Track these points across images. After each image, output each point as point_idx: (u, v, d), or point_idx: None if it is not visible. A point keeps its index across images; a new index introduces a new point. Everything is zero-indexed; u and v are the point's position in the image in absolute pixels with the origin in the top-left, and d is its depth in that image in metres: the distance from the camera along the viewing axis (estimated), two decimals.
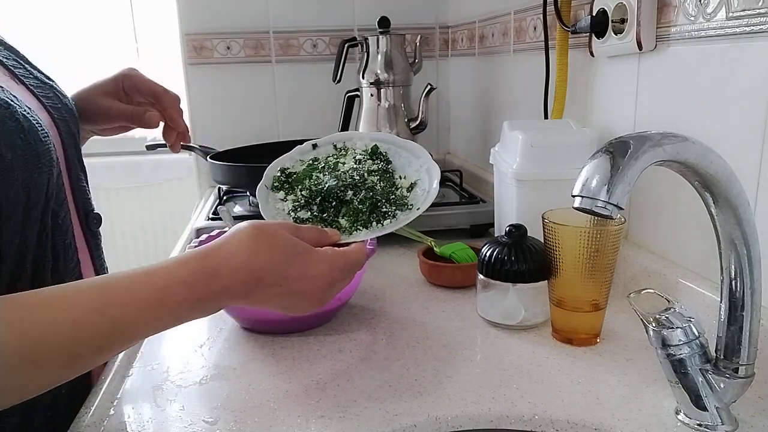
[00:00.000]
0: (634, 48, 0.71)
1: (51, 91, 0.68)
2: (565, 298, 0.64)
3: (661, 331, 0.48)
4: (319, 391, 0.56)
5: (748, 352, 0.47)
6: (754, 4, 0.56)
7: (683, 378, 0.48)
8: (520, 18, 1.08)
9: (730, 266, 0.47)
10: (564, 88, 0.90)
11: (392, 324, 0.70)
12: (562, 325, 0.65)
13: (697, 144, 0.44)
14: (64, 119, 0.66)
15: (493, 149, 0.87)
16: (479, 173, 1.28)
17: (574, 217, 0.57)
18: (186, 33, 1.45)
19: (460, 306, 0.75)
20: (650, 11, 0.69)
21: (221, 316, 0.72)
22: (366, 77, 1.29)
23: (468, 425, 0.52)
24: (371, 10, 1.43)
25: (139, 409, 0.54)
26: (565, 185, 0.47)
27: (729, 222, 0.45)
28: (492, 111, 1.27)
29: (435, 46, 1.56)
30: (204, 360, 0.63)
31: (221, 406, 0.54)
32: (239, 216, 1.02)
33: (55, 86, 0.70)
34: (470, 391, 0.55)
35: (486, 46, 1.28)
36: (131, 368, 0.61)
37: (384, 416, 0.52)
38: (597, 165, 0.43)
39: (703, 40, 0.63)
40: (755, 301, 0.46)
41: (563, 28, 0.86)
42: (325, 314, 0.69)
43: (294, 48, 1.50)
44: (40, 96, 0.65)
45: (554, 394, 0.55)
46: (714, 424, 0.48)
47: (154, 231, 2.23)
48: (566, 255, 0.62)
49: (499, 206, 0.87)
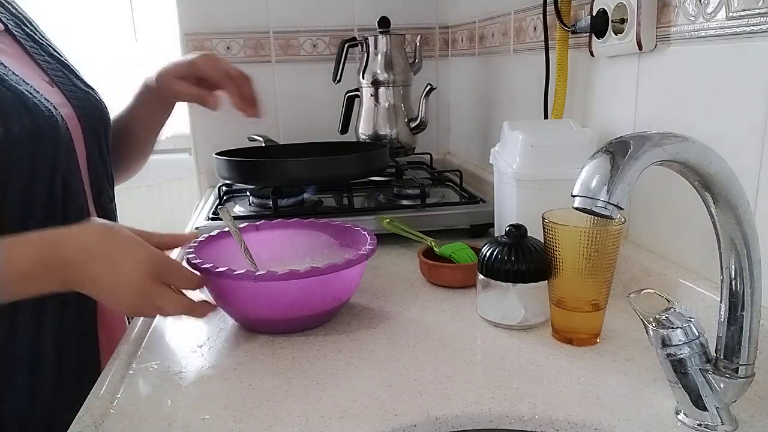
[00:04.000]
0: (634, 48, 0.71)
1: (69, 79, 0.80)
2: (565, 298, 0.64)
3: (661, 331, 0.48)
4: (319, 391, 0.56)
5: (748, 352, 0.47)
6: (754, 4, 0.56)
7: (683, 378, 0.48)
8: (520, 18, 1.08)
9: (730, 266, 0.47)
10: (564, 88, 0.90)
11: (392, 324, 0.70)
12: (562, 325, 0.65)
13: (697, 144, 0.44)
14: (87, 113, 0.79)
15: (493, 149, 0.87)
16: (479, 173, 1.28)
17: (574, 217, 0.57)
18: (186, 33, 1.45)
19: (460, 306, 0.75)
20: (650, 11, 0.69)
21: (221, 316, 0.72)
22: (366, 77, 1.29)
23: (468, 425, 0.52)
24: (371, 10, 1.43)
25: (139, 409, 0.54)
26: (565, 185, 0.47)
27: (729, 222, 0.45)
28: (492, 111, 1.27)
29: (435, 46, 1.55)
30: (204, 360, 0.63)
31: (221, 406, 0.54)
32: (239, 216, 1.02)
33: (71, 75, 0.81)
34: (470, 391, 0.55)
35: (486, 46, 1.28)
36: (131, 368, 0.61)
37: (384, 416, 0.52)
38: (597, 165, 0.43)
39: (703, 40, 0.63)
40: (755, 301, 0.47)
41: (563, 28, 0.86)
42: (325, 314, 0.69)
43: (294, 48, 1.50)
44: (69, 97, 0.77)
45: (554, 394, 0.55)
46: (714, 424, 0.48)
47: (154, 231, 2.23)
48: (566, 255, 0.62)
49: (499, 206, 0.87)
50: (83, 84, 0.83)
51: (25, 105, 0.67)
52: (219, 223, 0.98)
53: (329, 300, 0.68)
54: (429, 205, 1.02)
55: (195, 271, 0.65)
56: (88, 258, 0.59)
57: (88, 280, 0.59)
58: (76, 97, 0.78)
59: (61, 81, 0.78)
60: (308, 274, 0.64)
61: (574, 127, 0.81)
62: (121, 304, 0.61)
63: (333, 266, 0.65)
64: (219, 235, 0.78)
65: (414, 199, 1.05)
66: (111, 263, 0.59)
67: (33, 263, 0.58)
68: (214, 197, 1.19)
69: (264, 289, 0.65)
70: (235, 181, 1.12)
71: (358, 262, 0.68)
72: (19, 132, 0.66)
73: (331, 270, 0.65)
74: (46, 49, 0.81)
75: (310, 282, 0.64)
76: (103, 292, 0.60)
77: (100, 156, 0.81)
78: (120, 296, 0.60)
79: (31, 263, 0.58)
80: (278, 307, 0.66)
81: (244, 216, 1.02)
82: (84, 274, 0.59)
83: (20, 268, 0.58)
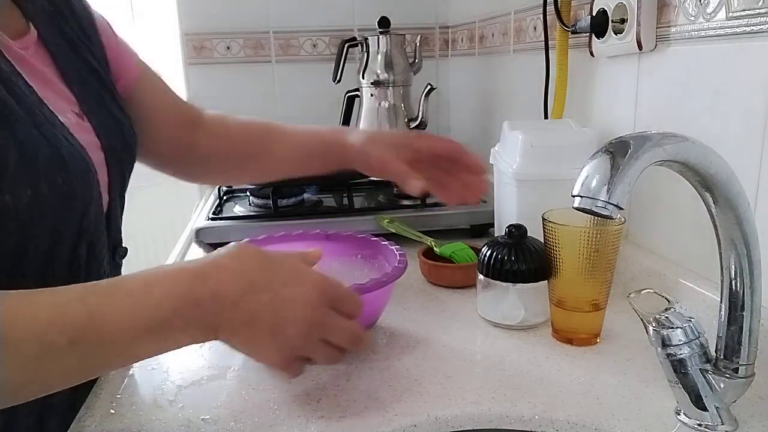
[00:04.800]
0: (634, 48, 0.71)
1: (102, 104, 0.65)
2: (565, 299, 0.64)
3: (661, 331, 0.48)
4: (319, 391, 0.56)
5: (748, 352, 0.47)
6: (754, 4, 0.56)
7: (683, 378, 0.48)
8: (520, 18, 1.08)
9: (730, 266, 0.47)
10: (564, 88, 0.90)
11: (392, 324, 0.70)
12: (562, 325, 0.65)
13: (697, 144, 0.44)
14: (117, 156, 0.64)
15: (493, 149, 0.87)
16: None
17: (575, 217, 0.57)
18: (186, 33, 1.45)
19: (460, 306, 0.75)
20: (650, 11, 0.69)
21: None
22: (366, 77, 1.29)
23: (468, 425, 0.52)
24: (371, 10, 1.43)
25: (139, 409, 0.54)
26: (565, 185, 0.47)
27: (729, 222, 0.45)
28: (492, 111, 1.27)
29: (435, 46, 1.56)
30: (204, 360, 0.63)
31: (221, 406, 0.54)
32: (239, 216, 1.02)
33: (107, 96, 0.66)
34: (470, 391, 0.55)
35: (486, 46, 1.28)
36: (131, 368, 0.61)
37: (384, 416, 0.52)
38: (597, 165, 0.43)
39: (703, 40, 0.63)
40: (755, 301, 0.47)
41: (563, 28, 0.87)
42: None
43: (294, 48, 1.50)
44: (100, 134, 0.62)
45: (554, 394, 0.54)
46: (714, 424, 0.48)
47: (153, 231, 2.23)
48: (566, 255, 0.62)
49: (499, 206, 0.87)
50: (117, 109, 0.67)
51: (60, 158, 0.52)
52: (219, 223, 0.98)
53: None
54: (429, 205, 1.02)
55: None
56: (249, 290, 0.46)
57: (244, 324, 0.46)
58: (107, 134, 0.62)
59: (93, 110, 0.62)
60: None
61: (574, 127, 0.81)
62: (279, 350, 0.48)
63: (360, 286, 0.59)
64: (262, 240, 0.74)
65: (414, 199, 1.05)
66: (273, 297, 0.47)
67: (175, 306, 0.44)
68: (214, 197, 1.19)
69: None
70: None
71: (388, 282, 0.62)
72: (49, 194, 0.51)
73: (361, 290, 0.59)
74: (83, 55, 0.64)
75: None
76: (260, 337, 0.47)
77: (120, 204, 0.66)
78: (282, 338, 0.47)
79: (173, 306, 0.44)
80: None
81: (245, 216, 1.02)
82: (243, 312, 0.46)
83: (159, 314, 0.44)
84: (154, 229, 2.21)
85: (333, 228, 0.79)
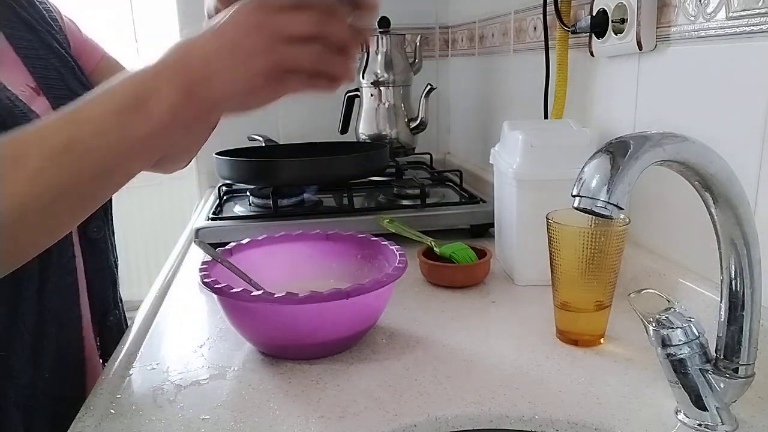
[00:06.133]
0: (634, 48, 0.71)
1: (63, 81, 0.68)
2: (569, 301, 0.64)
3: (661, 331, 0.48)
4: (319, 391, 0.56)
5: (748, 352, 0.47)
6: (754, 4, 0.56)
7: (683, 378, 0.48)
8: (520, 18, 1.08)
9: (730, 266, 0.47)
10: (564, 88, 0.90)
11: (392, 324, 0.70)
12: (568, 327, 0.65)
13: (697, 144, 0.44)
14: None
15: (493, 149, 0.87)
16: (479, 173, 1.28)
17: (579, 218, 0.57)
18: (186, 33, 1.45)
19: (460, 306, 0.75)
20: (650, 11, 0.69)
21: (222, 316, 0.72)
22: (366, 77, 1.29)
23: (468, 425, 0.52)
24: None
25: (139, 409, 0.54)
26: (565, 185, 0.47)
27: (729, 222, 0.45)
28: (492, 111, 1.27)
29: (435, 46, 1.56)
30: (204, 360, 0.63)
31: (221, 406, 0.54)
32: (239, 216, 1.02)
33: (68, 75, 0.69)
34: (470, 391, 0.55)
35: (486, 46, 1.28)
36: (131, 368, 0.61)
37: (384, 416, 0.52)
38: (597, 165, 0.43)
39: (703, 40, 0.63)
40: (755, 301, 0.47)
41: (563, 28, 0.86)
42: (353, 337, 0.65)
43: None
44: (57, 107, 0.64)
45: (554, 394, 0.54)
46: (714, 424, 0.48)
47: (154, 231, 2.23)
48: (570, 255, 0.62)
49: (499, 206, 0.87)
50: (78, 85, 0.70)
51: (13, 122, 0.56)
52: (219, 223, 0.98)
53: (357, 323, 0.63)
54: (429, 205, 1.02)
55: None
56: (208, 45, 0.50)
57: (209, 68, 0.48)
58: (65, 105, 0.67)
59: (51, 85, 0.67)
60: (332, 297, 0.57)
61: (574, 127, 0.81)
62: (245, 64, 0.48)
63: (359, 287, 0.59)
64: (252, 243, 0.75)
65: (414, 199, 1.05)
66: (217, 34, 0.49)
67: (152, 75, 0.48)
68: (214, 197, 1.19)
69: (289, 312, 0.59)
70: (235, 181, 1.12)
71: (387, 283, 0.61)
72: None
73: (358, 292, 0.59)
74: (41, 35, 0.68)
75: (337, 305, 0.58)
76: (225, 63, 0.48)
77: None
78: (242, 52, 0.47)
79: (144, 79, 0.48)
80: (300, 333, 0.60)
81: (245, 215, 1.02)
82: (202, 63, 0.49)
83: (132, 88, 0.47)
84: (154, 229, 2.21)
85: (333, 228, 0.79)
